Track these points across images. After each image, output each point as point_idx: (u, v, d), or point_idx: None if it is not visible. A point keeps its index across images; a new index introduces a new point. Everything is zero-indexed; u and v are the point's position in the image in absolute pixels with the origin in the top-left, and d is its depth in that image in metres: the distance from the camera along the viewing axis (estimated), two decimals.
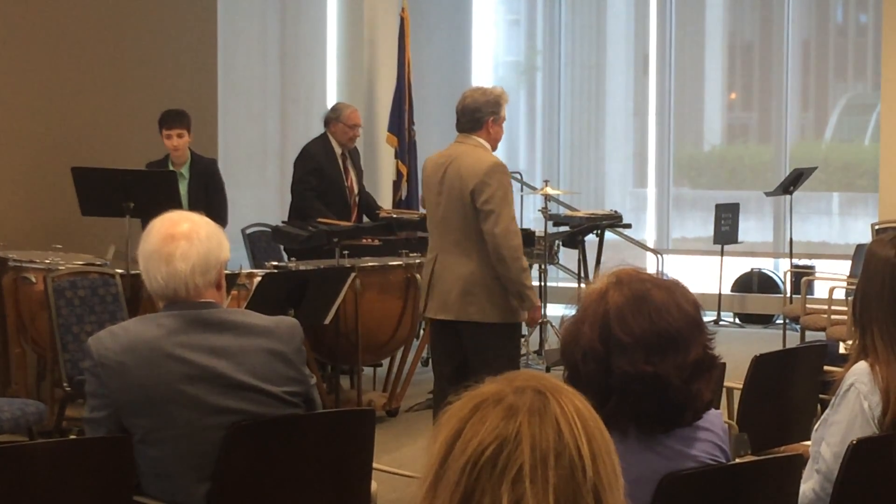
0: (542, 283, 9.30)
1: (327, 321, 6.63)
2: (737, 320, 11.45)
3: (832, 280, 8.84)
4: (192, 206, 7.57)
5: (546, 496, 1.56)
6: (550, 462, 1.57)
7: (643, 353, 2.53)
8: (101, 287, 6.51)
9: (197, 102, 8.11)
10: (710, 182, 12.55)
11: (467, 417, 1.62)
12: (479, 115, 5.90)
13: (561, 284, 11.17)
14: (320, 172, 8.45)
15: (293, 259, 7.71)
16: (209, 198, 7.78)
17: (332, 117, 8.59)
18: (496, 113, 5.92)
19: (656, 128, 12.37)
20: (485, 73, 13.06)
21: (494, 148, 5.98)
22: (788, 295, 9.90)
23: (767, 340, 9.69)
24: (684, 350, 2.56)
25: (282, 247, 8.52)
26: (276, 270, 7.03)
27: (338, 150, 8.54)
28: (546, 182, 9.43)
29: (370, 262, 7.52)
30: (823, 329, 8.21)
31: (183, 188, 7.72)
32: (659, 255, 11.50)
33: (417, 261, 7.62)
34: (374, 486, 3.72)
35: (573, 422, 1.61)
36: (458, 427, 1.62)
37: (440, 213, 5.89)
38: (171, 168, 7.76)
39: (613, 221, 9.78)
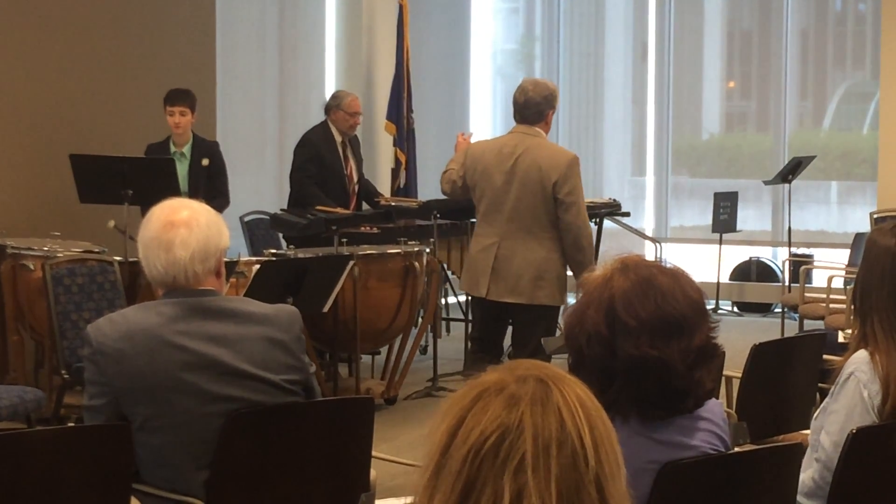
0: None
1: (326, 309, 6.62)
2: (735, 309, 11.46)
3: (831, 269, 8.84)
4: (192, 188, 7.60)
5: (548, 486, 1.56)
6: (553, 452, 1.57)
7: (649, 337, 2.54)
8: (99, 274, 6.51)
9: (195, 90, 8.08)
10: (709, 171, 12.55)
11: (469, 407, 1.62)
12: (541, 108, 6.33)
13: None
14: (320, 160, 8.44)
15: (292, 247, 7.71)
16: (211, 179, 7.80)
17: (333, 105, 8.59)
18: (554, 107, 6.41)
19: (655, 116, 12.36)
20: (483, 61, 13.05)
21: (546, 136, 6.39)
22: (787, 284, 9.91)
23: (766, 329, 9.70)
24: (689, 336, 2.56)
25: (280, 234, 8.52)
26: (274, 258, 7.02)
27: (338, 138, 8.53)
28: None
29: (369, 250, 7.51)
30: (822, 318, 8.21)
31: (183, 169, 7.73)
32: (657, 244, 11.50)
33: (416, 249, 7.62)
34: (373, 473, 3.72)
35: (575, 411, 1.60)
36: (460, 416, 1.61)
37: (510, 201, 6.22)
38: (172, 148, 7.76)
39: (612, 210, 9.78)
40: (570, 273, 6.31)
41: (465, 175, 6.40)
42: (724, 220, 11.18)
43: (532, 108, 6.31)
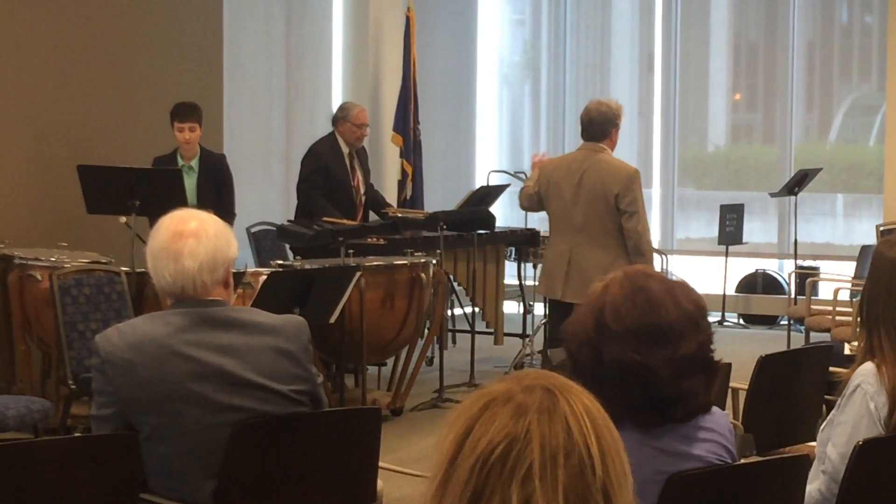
0: None
1: (332, 320, 6.63)
2: (741, 321, 11.45)
3: (837, 281, 8.84)
4: (201, 201, 7.62)
5: (556, 495, 1.56)
6: (560, 461, 1.57)
7: (633, 342, 2.57)
8: (106, 285, 6.51)
9: (202, 101, 8.10)
10: (715, 183, 12.54)
11: (477, 416, 1.62)
12: (606, 127, 7.01)
13: None
14: (327, 172, 8.45)
15: (298, 258, 7.71)
16: (218, 192, 7.84)
17: (340, 116, 8.59)
18: (616, 125, 7.05)
19: (661, 128, 12.36)
20: (490, 72, 13.06)
21: (612, 151, 7.05)
22: (793, 296, 9.91)
23: (772, 341, 9.69)
24: (675, 344, 2.58)
25: (287, 245, 8.52)
26: (281, 269, 7.03)
27: (345, 150, 8.54)
28: None
29: (375, 262, 7.51)
30: (828, 330, 8.20)
31: (191, 182, 7.76)
32: (663, 256, 11.49)
33: (422, 260, 7.63)
34: (379, 484, 3.72)
35: (582, 420, 1.61)
36: (468, 426, 1.62)
37: (579, 213, 6.94)
38: (180, 162, 7.79)
39: None
40: None
41: (539, 189, 7.09)
42: (731, 232, 11.17)
43: (596, 126, 6.98)
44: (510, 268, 9.80)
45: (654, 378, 2.56)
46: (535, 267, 9.68)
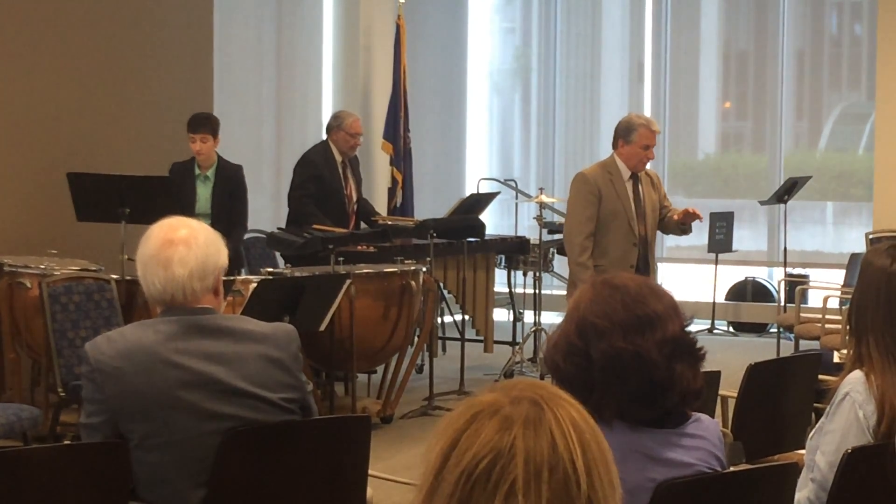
0: (537, 291, 9.32)
1: (322, 328, 6.63)
2: (731, 329, 11.46)
3: (826, 289, 8.85)
4: (215, 210, 7.72)
5: None
6: (544, 476, 1.57)
7: (621, 333, 2.59)
8: (96, 292, 6.51)
9: (192, 109, 8.11)
10: (705, 191, 12.56)
11: (463, 428, 1.62)
12: (615, 137, 7.18)
13: (556, 292, 11.17)
14: (320, 179, 8.45)
15: (288, 265, 7.71)
16: (232, 203, 7.93)
17: (334, 125, 8.60)
18: (625, 137, 7.11)
19: None
20: (480, 81, 13.07)
21: (630, 164, 7.14)
22: (782, 304, 9.92)
23: (761, 349, 9.71)
24: (662, 327, 2.60)
25: (277, 253, 8.52)
26: (271, 277, 7.03)
27: (338, 158, 8.55)
28: (541, 190, 9.44)
29: (365, 269, 7.52)
30: (817, 338, 8.21)
31: (207, 191, 7.83)
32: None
33: (412, 268, 7.63)
34: (369, 492, 3.72)
35: (568, 433, 1.60)
36: (455, 438, 1.61)
37: None
38: (196, 171, 7.83)
39: None
40: None
41: None
42: (720, 240, 11.19)
43: (614, 135, 7.20)
44: (500, 275, 9.80)
45: (648, 365, 2.58)
46: (524, 275, 9.69)
